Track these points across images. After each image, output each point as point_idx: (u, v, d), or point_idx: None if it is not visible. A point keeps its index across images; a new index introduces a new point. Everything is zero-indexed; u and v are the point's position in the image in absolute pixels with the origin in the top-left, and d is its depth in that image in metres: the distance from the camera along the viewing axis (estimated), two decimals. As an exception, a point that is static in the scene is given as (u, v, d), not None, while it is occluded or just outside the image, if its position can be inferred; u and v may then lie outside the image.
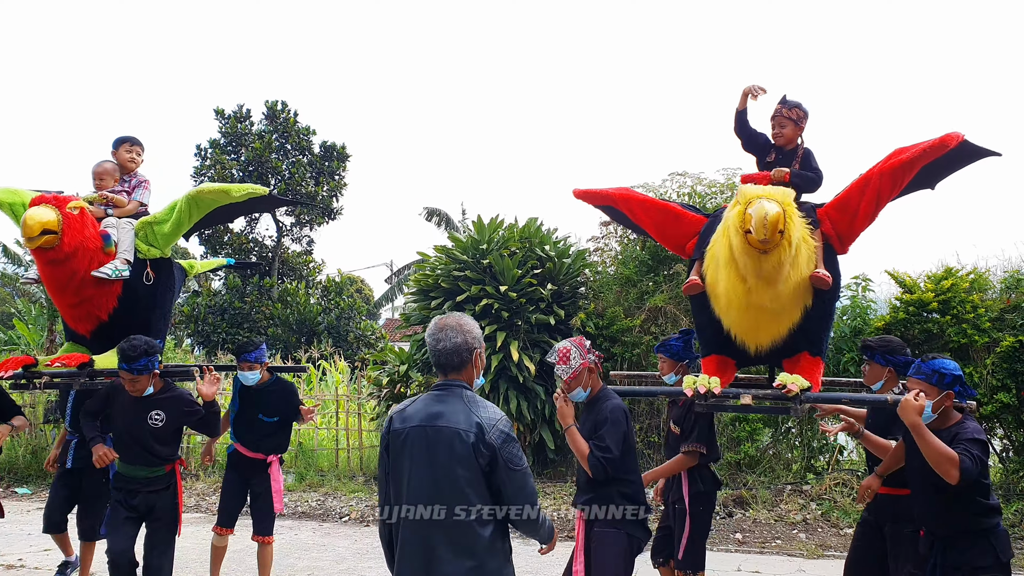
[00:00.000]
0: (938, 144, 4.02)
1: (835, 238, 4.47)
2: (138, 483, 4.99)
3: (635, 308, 10.80)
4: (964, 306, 8.81)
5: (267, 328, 21.27)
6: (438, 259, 11.48)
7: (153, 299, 5.60)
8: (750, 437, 9.85)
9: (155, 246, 5.49)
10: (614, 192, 5.05)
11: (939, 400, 3.62)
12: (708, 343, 4.79)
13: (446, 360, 3.21)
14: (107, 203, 5.51)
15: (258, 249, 24.26)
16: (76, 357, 5.26)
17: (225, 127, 24.50)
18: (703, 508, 4.91)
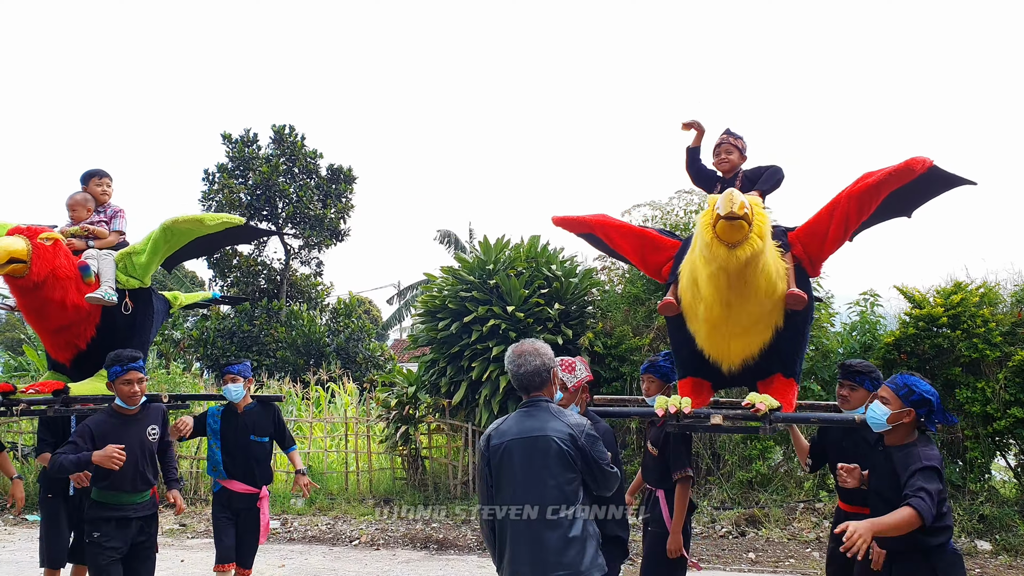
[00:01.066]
0: (903, 168, 4.03)
1: (806, 261, 4.54)
2: (131, 509, 4.92)
3: (643, 327, 10.77)
4: (975, 320, 8.76)
5: (276, 351, 21.28)
6: (445, 280, 11.49)
7: (132, 328, 5.64)
8: (762, 455, 9.79)
9: (134, 276, 5.57)
10: (591, 219, 5.11)
11: (897, 413, 3.68)
12: (684, 364, 4.84)
13: (528, 382, 3.67)
14: (88, 235, 5.62)
15: (267, 272, 24.32)
16: (51, 384, 5.31)
17: (233, 151, 24.60)
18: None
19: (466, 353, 10.68)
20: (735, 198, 3.84)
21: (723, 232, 3.91)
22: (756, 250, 3.95)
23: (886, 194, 4.21)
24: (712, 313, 4.26)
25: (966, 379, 8.76)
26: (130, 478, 4.90)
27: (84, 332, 5.45)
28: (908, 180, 4.11)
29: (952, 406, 8.62)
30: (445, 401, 10.88)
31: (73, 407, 5.37)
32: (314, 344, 21.55)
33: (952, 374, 8.73)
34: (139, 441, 4.94)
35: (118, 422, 4.93)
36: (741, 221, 3.86)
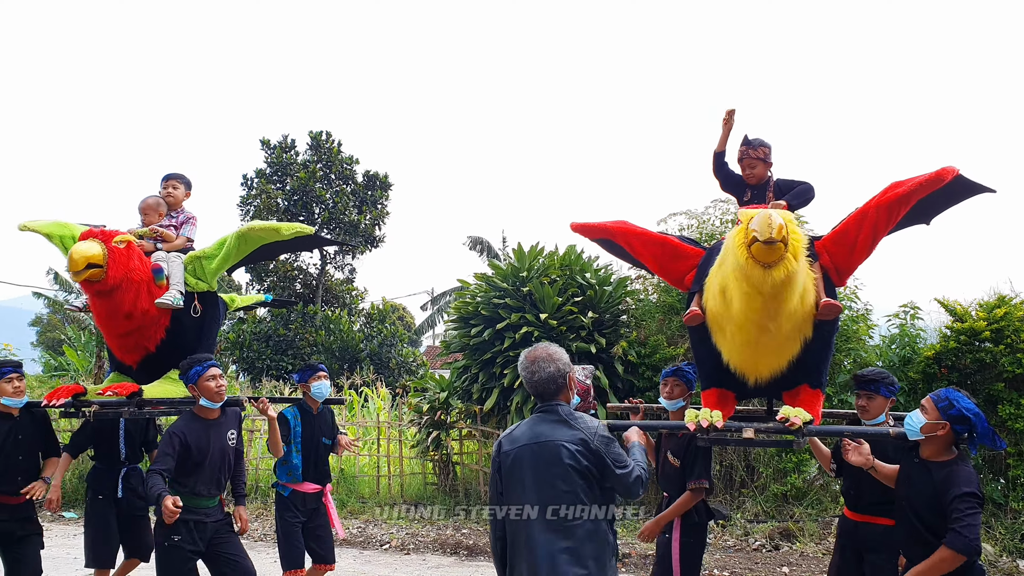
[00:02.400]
0: (934, 178, 4.01)
1: (833, 271, 4.48)
2: (204, 513, 4.94)
3: (678, 336, 10.67)
4: (1019, 335, 8.56)
5: (310, 355, 21.45)
6: (478, 287, 11.50)
7: (200, 331, 5.69)
8: (796, 468, 9.64)
9: (203, 279, 5.62)
10: (611, 225, 5.00)
11: (931, 424, 3.63)
12: (708, 376, 4.76)
13: (543, 388, 3.60)
14: (156, 237, 5.64)
15: (302, 277, 24.56)
16: (127, 386, 5.32)
17: (271, 157, 24.94)
18: (693, 540, 4.82)
19: (498, 360, 10.67)
20: (773, 222, 3.76)
21: (759, 254, 3.84)
22: (792, 271, 3.89)
23: (914, 203, 4.20)
24: (744, 332, 4.21)
25: (1009, 395, 8.56)
26: (209, 483, 4.95)
27: (154, 335, 5.48)
28: (937, 189, 4.10)
29: (995, 422, 8.43)
30: (477, 407, 10.88)
31: (146, 409, 5.38)
32: (349, 349, 21.71)
33: (995, 390, 8.54)
34: (220, 447, 4.99)
35: (201, 427, 4.97)
36: (779, 244, 3.80)
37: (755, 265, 3.87)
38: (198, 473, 4.90)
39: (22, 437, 5.32)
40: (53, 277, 27.14)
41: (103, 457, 6.11)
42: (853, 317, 9.77)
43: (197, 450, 4.88)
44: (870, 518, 4.41)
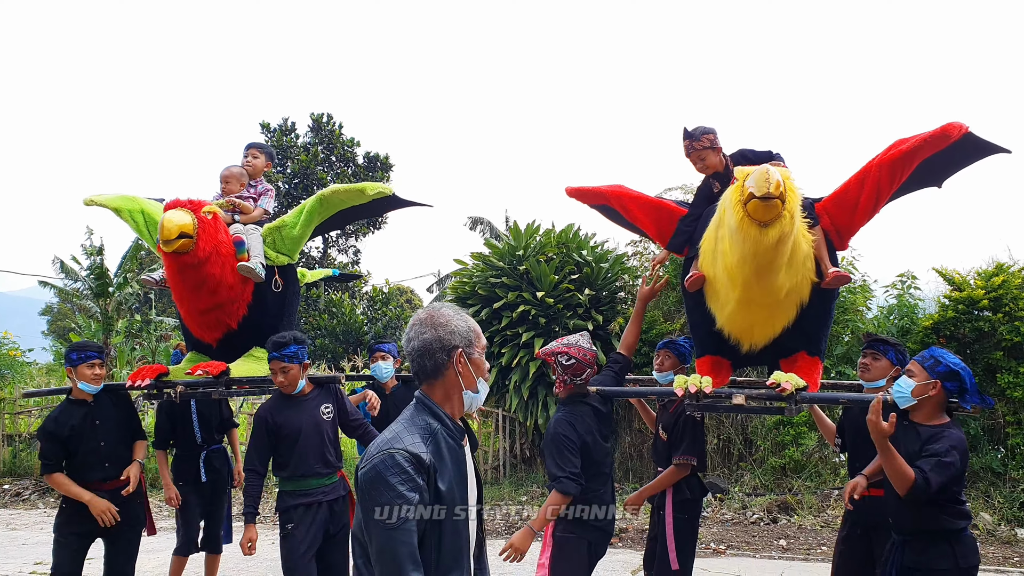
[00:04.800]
0: (939, 134, 3.79)
1: (834, 233, 4.28)
2: (319, 492, 4.72)
3: (675, 312, 10.64)
4: (1017, 303, 8.48)
5: (314, 338, 21.49)
6: (475, 266, 11.48)
7: (281, 307, 5.45)
8: (795, 441, 9.60)
9: (283, 252, 5.40)
10: (606, 189, 4.86)
11: (922, 386, 3.51)
12: (702, 342, 4.64)
13: (417, 366, 2.42)
14: (234, 209, 5.39)
15: (304, 260, 24.57)
16: (216, 365, 5.09)
17: (272, 140, 24.90)
18: (688, 516, 4.73)
19: (496, 339, 10.65)
20: (771, 177, 3.61)
21: (755, 212, 3.67)
22: (787, 230, 3.73)
23: (919, 162, 3.97)
24: (737, 294, 4.04)
25: (1008, 363, 8.49)
26: (310, 462, 4.70)
27: (236, 311, 5.21)
28: (942, 147, 3.87)
29: (994, 391, 8.37)
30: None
31: (234, 389, 5.20)
32: (352, 332, 21.72)
33: (993, 358, 8.47)
34: (314, 423, 4.75)
35: (288, 405, 4.76)
36: (776, 201, 3.64)
37: (751, 224, 3.70)
38: (294, 448, 4.68)
39: (100, 422, 4.98)
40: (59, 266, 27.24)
41: (180, 443, 5.94)
42: (851, 288, 9.69)
43: (288, 426, 4.67)
44: (876, 491, 4.25)
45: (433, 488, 2.24)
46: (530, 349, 10.29)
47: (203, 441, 5.92)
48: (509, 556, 4.08)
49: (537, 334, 10.33)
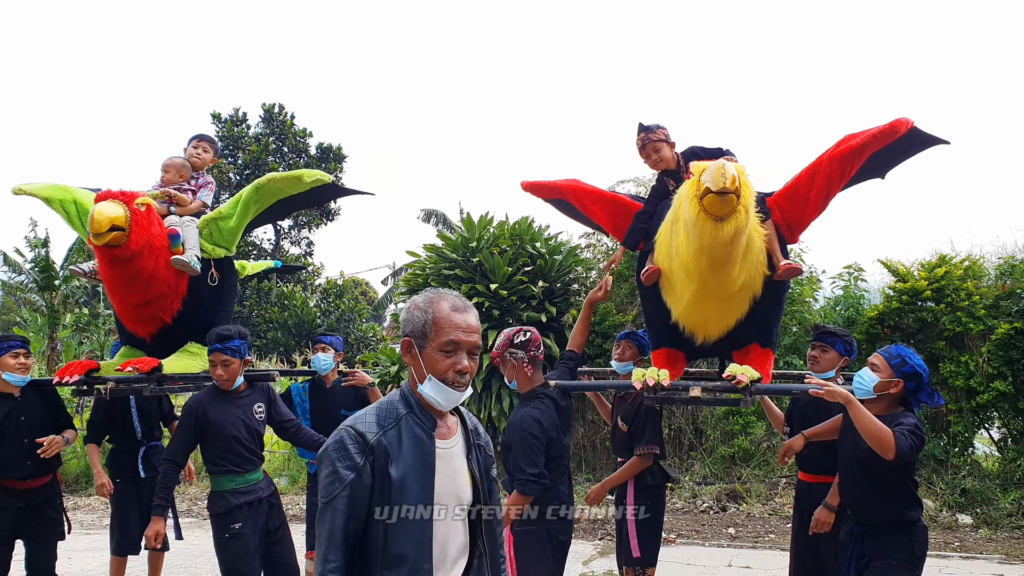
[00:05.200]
0: (888, 129, 3.90)
1: (785, 227, 4.36)
2: (259, 488, 4.66)
3: (627, 303, 10.72)
4: (959, 294, 8.71)
5: (267, 332, 21.24)
6: (428, 258, 11.42)
7: (218, 301, 5.33)
8: (744, 430, 9.75)
9: (220, 244, 5.25)
10: (562, 184, 4.88)
11: (884, 382, 3.58)
12: (658, 335, 4.69)
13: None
14: (169, 200, 5.25)
15: (256, 252, 24.24)
16: (147, 361, 4.94)
17: (222, 131, 24.49)
18: (650, 503, 4.79)
19: (449, 331, 10.60)
20: (727, 171, 3.64)
21: (711, 206, 3.70)
22: (742, 224, 3.78)
23: (868, 156, 4.07)
24: (693, 287, 4.10)
25: (950, 353, 8.72)
26: (243, 460, 4.59)
27: (171, 305, 5.07)
28: (890, 141, 3.99)
29: (936, 380, 8.58)
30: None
31: (166, 385, 5.05)
32: (305, 325, 21.50)
33: (936, 348, 8.68)
34: (246, 422, 4.64)
35: (222, 400, 4.63)
36: (731, 195, 3.67)
37: (707, 218, 3.74)
38: (228, 446, 4.56)
39: (25, 418, 4.88)
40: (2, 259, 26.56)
41: (118, 438, 5.74)
42: (799, 280, 9.85)
43: (219, 423, 4.54)
44: (823, 478, 4.41)
45: (381, 472, 2.20)
46: (484, 341, 10.23)
47: (143, 436, 5.77)
48: None
49: (491, 326, 10.32)
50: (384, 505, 2.20)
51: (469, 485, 2.39)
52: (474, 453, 2.43)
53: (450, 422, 2.41)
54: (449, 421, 2.41)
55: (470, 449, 2.42)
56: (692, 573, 6.57)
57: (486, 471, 2.47)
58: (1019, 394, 8.41)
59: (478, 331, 2.33)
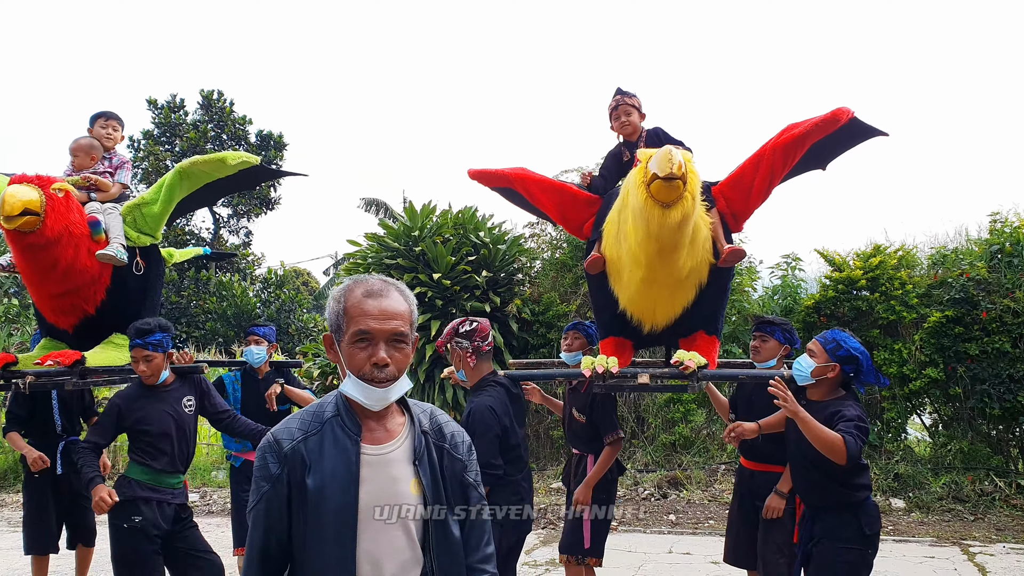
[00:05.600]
0: (830, 119, 3.93)
1: (730, 216, 4.40)
2: (170, 493, 4.41)
3: (571, 293, 10.73)
4: (892, 283, 8.90)
5: (205, 322, 20.82)
6: (370, 247, 11.28)
7: (144, 291, 5.10)
8: (684, 418, 9.85)
9: (145, 231, 5.02)
10: (510, 172, 4.83)
11: (821, 367, 3.63)
12: (606, 324, 4.69)
13: None
14: (91, 186, 5.01)
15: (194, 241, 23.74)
16: (69, 354, 4.72)
17: (159, 117, 23.95)
18: (605, 496, 4.80)
19: (391, 321, 10.50)
20: (673, 158, 3.64)
21: (658, 192, 3.70)
22: (689, 211, 3.79)
23: (810, 145, 4.10)
24: (640, 274, 4.11)
25: (884, 341, 8.92)
26: (165, 459, 4.39)
27: (93, 295, 4.84)
28: (832, 130, 4.01)
29: (870, 368, 8.76)
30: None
31: (89, 379, 4.84)
32: (245, 315, 21.12)
33: (870, 336, 8.87)
34: (173, 417, 4.44)
35: (147, 396, 4.43)
36: (678, 181, 3.67)
37: (654, 205, 3.74)
38: (153, 442, 4.37)
39: None
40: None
41: (37, 431, 5.49)
42: (737, 269, 9.97)
43: (145, 417, 4.36)
44: (766, 466, 4.48)
45: (297, 483, 1.98)
46: (426, 331, 10.19)
47: (63, 430, 5.55)
48: None
49: (434, 316, 10.25)
50: (301, 519, 1.98)
51: (416, 494, 2.06)
52: (427, 458, 2.10)
53: (391, 423, 2.11)
54: (390, 422, 2.11)
55: (420, 454, 2.09)
56: (633, 560, 6.62)
57: (452, 477, 2.14)
58: (950, 381, 8.65)
59: (401, 316, 2.03)
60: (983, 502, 8.10)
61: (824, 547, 3.62)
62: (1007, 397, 8.38)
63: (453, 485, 2.15)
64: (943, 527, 7.58)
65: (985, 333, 8.50)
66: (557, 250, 11.26)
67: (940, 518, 7.87)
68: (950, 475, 8.43)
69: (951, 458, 8.65)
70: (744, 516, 4.62)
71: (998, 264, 8.76)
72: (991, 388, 8.45)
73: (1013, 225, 8.94)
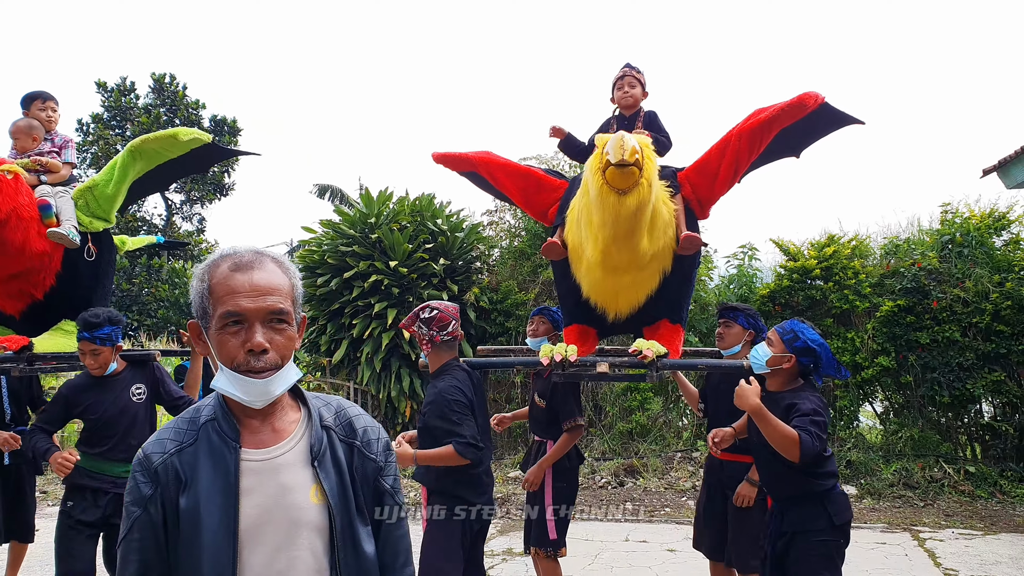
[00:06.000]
0: (796, 103, 3.83)
1: (695, 202, 4.34)
2: (109, 481, 4.32)
3: (529, 281, 10.69)
4: (846, 272, 9.00)
5: (156, 310, 20.41)
6: (325, 234, 11.12)
7: (95, 277, 4.95)
8: (641, 407, 9.88)
9: (98, 215, 4.87)
10: (474, 156, 4.76)
11: (777, 357, 3.59)
12: (569, 312, 4.65)
13: None
14: (41, 169, 4.83)
15: (146, 228, 23.27)
16: (16, 339, 4.60)
17: (109, 100, 23.38)
18: (566, 484, 4.78)
19: (347, 310, 10.39)
20: (626, 144, 3.58)
21: (613, 179, 3.66)
22: (645, 197, 3.75)
23: (777, 131, 4.00)
24: (598, 261, 4.05)
25: (837, 330, 9.02)
26: (110, 449, 4.30)
27: (43, 280, 4.73)
28: (800, 116, 3.91)
29: (824, 356, 8.85)
30: (325, 360, 10.58)
31: (37, 366, 4.68)
32: (198, 303, 20.74)
33: (824, 325, 8.96)
34: (121, 407, 4.35)
35: (96, 386, 4.35)
36: (632, 168, 3.63)
37: (609, 192, 3.70)
38: (99, 430, 4.31)
39: None
40: None
41: None
42: (696, 258, 10.01)
43: (93, 405, 4.29)
44: (734, 456, 4.43)
45: (172, 504, 1.64)
46: (383, 320, 10.08)
47: (12, 419, 5.33)
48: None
49: (390, 304, 10.14)
50: (178, 545, 1.62)
51: (317, 504, 1.69)
52: (330, 457, 1.74)
53: (280, 422, 1.74)
54: (279, 421, 1.74)
55: (320, 453, 1.73)
56: (590, 549, 6.61)
57: (363, 481, 1.79)
58: (901, 369, 8.78)
59: (278, 291, 1.68)
60: (932, 488, 8.25)
61: (794, 542, 3.57)
62: (956, 385, 8.53)
63: (365, 491, 1.78)
64: (894, 513, 7.70)
65: (936, 322, 8.64)
66: (516, 238, 11.21)
67: (891, 504, 7.99)
68: (901, 462, 8.56)
69: (902, 445, 8.78)
70: (713, 506, 4.61)
71: (949, 254, 8.90)
72: (941, 376, 8.60)
73: (964, 216, 9.09)
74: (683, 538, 6.96)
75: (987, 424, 8.82)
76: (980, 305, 8.47)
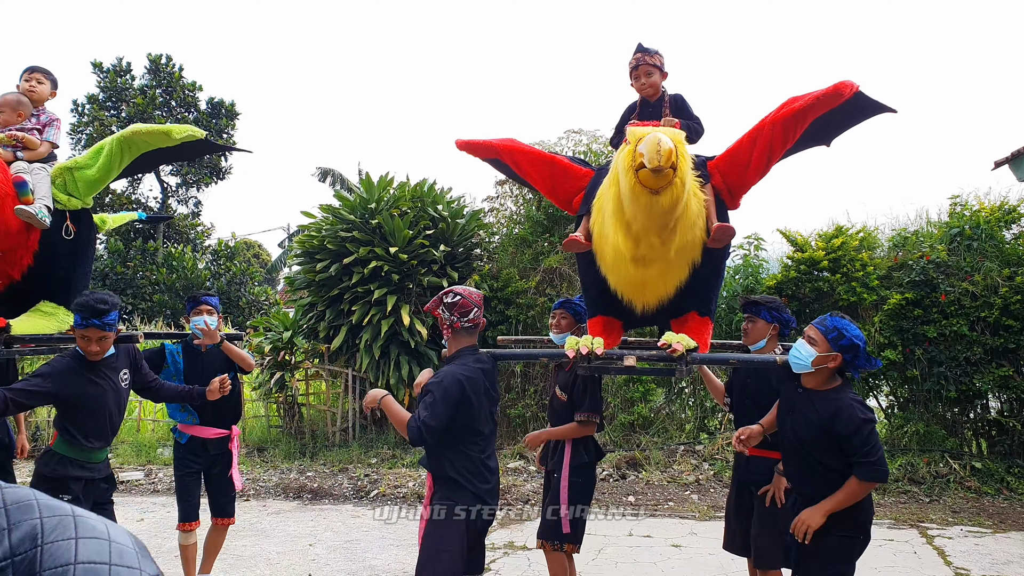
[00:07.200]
0: (832, 92, 3.73)
1: (726, 192, 4.21)
2: (96, 468, 4.30)
3: (530, 269, 10.55)
4: (854, 264, 8.87)
5: (152, 294, 20.24)
6: (324, 219, 10.95)
7: (74, 256, 4.84)
8: (643, 398, 9.76)
9: (76, 195, 4.73)
10: (498, 143, 4.65)
11: (823, 356, 3.48)
12: (594, 303, 4.54)
13: None
14: (17, 144, 4.70)
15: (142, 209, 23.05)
16: None
17: (104, 81, 23.14)
18: (583, 480, 4.66)
19: (346, 296, 10.24)
20: (662, 147, 3.48)
21: (647, 180, 3.57)
22: (679, 195, 3.65)
23: (811, 120, 3.91)
24: (628, 255, 3.95)
25: (843, 322, 8.89)
26: (97, 436, 4.24)
27: (20, 260, 4.60)
28: (834, 105, 3.82)
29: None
30: (323, 346, 10.43)
31: (14, 348, 4.55)
32: (194, 287, 20.58)
33: (830, 317, 8.82)
34: (110, 392, 4.27)
35: (87, 372, 4.22)
36: (667, 171, 3.53)
37: (642, 191, 3.62)
38: (87, 418, 4.21)
39: None
40: None
41: None
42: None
43: (81, 391, 4.17)
44: (761, 452, 4.33)
45: None
46: (382, 306, 9.94)
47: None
48: None
49: (390, 291, 9.99)
50: None
51: None
52: None
53: None
54: None
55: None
56: (593, 544, 6.48)
57: None
58: (907, 363, 8.66)
59: None
60: (938, 484, 8.14)
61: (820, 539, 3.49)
62: (963, 380, 8.42)
63: None
64: (899, 508, 7.59)
65: (943, 316, 8.52)
66: (517, 225, 11.06)
67: (896, 499, 7.89)
68: (906, 457, 8.46)
69: (907, 440, 8.67)
70: (741, 503, 4.52)
71: (957, 247, 8.78)
72: (947, 371, 8.49)
73: (973, 208, 8.96)
74: (687, 533, 6.86)
75: (994, 420, 8.72)
76: (989, 299, 8.35)
